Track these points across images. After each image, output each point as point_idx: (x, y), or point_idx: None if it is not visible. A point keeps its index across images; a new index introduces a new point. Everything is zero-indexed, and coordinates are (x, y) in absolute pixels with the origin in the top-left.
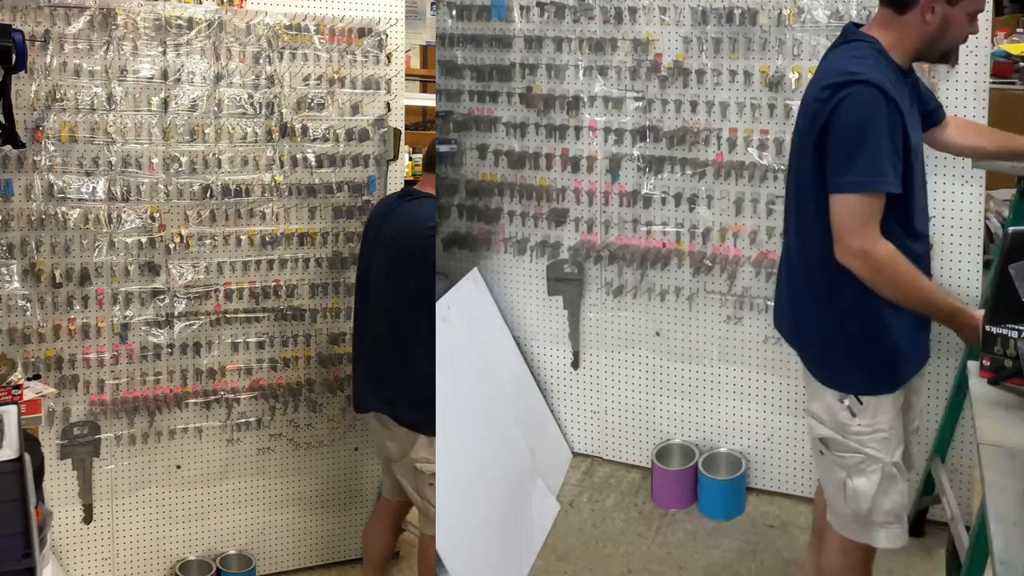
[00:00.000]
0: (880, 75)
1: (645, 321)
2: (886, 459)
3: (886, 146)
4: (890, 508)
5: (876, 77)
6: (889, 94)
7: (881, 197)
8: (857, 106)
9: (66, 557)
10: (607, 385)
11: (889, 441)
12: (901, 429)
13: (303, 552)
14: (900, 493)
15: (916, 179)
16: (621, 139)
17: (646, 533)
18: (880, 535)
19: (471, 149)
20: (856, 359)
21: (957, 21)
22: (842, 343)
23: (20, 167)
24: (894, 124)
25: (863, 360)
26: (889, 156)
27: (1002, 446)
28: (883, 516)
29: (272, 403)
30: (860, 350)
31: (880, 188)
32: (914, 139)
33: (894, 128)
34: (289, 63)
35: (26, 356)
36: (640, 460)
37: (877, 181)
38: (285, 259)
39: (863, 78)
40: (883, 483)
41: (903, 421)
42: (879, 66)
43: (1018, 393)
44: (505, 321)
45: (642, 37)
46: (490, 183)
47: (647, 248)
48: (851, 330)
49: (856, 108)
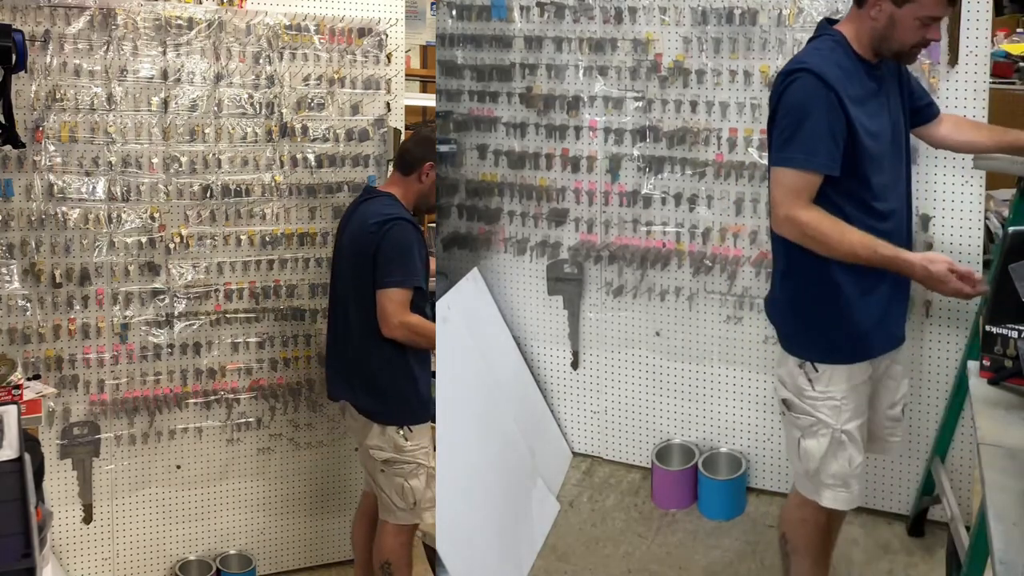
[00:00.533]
0: (827, 65)
1: (645, 321)
2: (836, 425)
3: (821, 129)
4: (836, 472)
5: (820, 66)
6: (829, 82)
7: (813, 175)
8: (798, 91)
9: (66, 557)
10: (607, 385)
11: (840, 410)
12: (860, 403)
13: (303, 552)
14: (848, 460)
15: (875, 162)
16: (621, 139)
17: (646, 533)
18: (826, 495)
19: (471, 149)
20: (813, 329)
21: (904, 23)
22: (801, 313)
23: (20, 167)
24: (832, 110)
25: (819, 330)
26: (823, 139)
27: (1002, 446)
28: (830, 478)
29: (272, 403)
30: (816, 321)
31: (810, 167)
32: (872, 124)
33: (832, 114)
34: (289, 63)
35: (26, 356)
36: (640, 460)
37: (808, 160)
38: (285, 259)
39: (807, 67)
40: (831, 447)
41: (877, 401)
42: (833, 57)
43: (1018, 393)
44: (505, 321)
45: (642, 37)
46: (490, 183)
47: (647, 248)
48: (808, 301)
49: (797, 93)
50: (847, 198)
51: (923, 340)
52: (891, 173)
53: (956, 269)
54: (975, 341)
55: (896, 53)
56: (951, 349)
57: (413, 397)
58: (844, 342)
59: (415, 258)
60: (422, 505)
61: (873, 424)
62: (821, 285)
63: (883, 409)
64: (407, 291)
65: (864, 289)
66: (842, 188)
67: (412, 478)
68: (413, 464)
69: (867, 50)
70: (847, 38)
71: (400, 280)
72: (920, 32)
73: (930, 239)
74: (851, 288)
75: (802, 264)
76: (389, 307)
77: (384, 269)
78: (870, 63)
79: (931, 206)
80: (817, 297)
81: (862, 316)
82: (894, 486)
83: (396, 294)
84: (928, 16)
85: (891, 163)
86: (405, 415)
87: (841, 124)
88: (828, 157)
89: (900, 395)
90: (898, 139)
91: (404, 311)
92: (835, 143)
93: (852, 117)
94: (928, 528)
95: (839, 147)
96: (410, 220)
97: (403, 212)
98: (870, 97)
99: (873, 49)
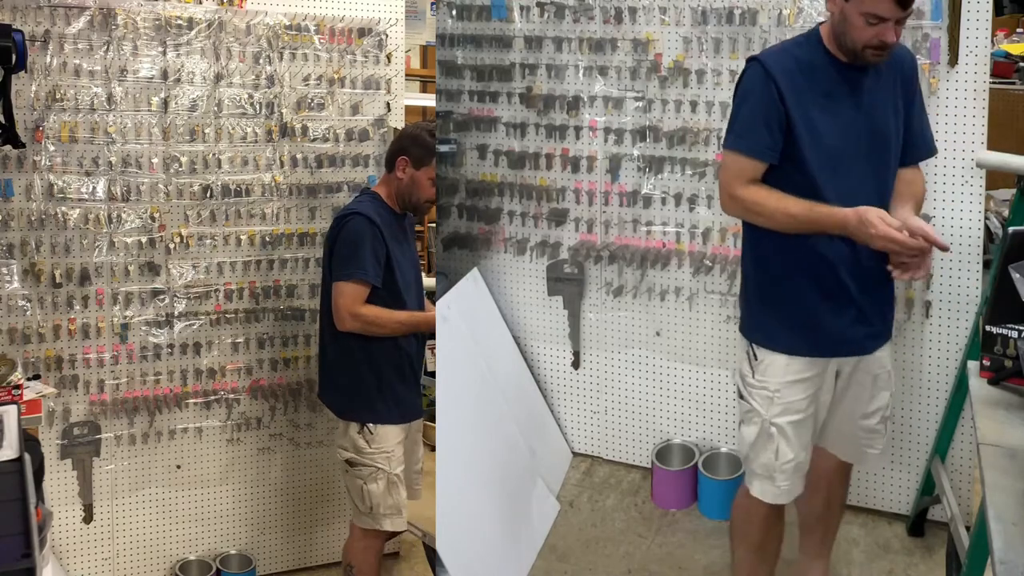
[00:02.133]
0: (780, 57)
1: (645, 321)
2: (765, 416)
3: (755, 116)
4: (764, 463)
5: (769, 58)
6: (771, 73)
7: (750, 159)
8: (743, 79)
9: (66, 557)
10: (607, 385)
11: (772, 401)
12: (798, 399)
13: (303, 552)
14: (775, 453)
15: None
16: (621, 139)
17: (646, 533)
18: (754, 483)
19: (471, 149)
20: (757, 312)
21: (852, 20)
22: (750, 294)
23: (20, 167)
24: (768, 99)
25: (762, 314)
26: (756, 125)
27: (1002, 446)
28: (758, 467)
29: (272, 403)
30: (760, 303)
31: (741, 149)
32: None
33: (768, 103)
34: (289, 63)
35: (26, 356)
36: (640, 460)
37: (740, 142)
38: (285, 259)
39: (757, 57)
40: (760, 437)
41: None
42: (794, 51)
43: (1018, 393)
44: (505, 321)
45: (642, 37)
46: (490, 183)
47: (647, 248)
48: (755, 282)
49: (743, 81)
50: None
51: (923, 340)
52: (855, 176)
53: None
54: (975, 341)
55: (852, 52)
56: (951, 349)
57: (376, 395)
58: (780, 331)
59: (365, 251)
60: (380, 511)
61: (844, 431)
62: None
63: (854, 418)
64: (357, 284)
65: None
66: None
67: (371, 482)
68: (372, 468)
69: (835, 46)
70: (821, 34)
71: (349, 273)
72: (870, 31)
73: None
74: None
75: (756, 245)
76: (339, 300)
77: (337, 263)
78: (843, 61)
79: (931, 206)
80: (763, 280)
81: (801, 310)
82: (894, 486)
83: (346, 287)
84: (872, 14)
85: (856, 166)
86: (364, 412)
87: (777, 114)
88: (761, 143)
89: (875, 407)
90: (874, 142)
91: (355, 303)
92: (769, 131)
93: (792, 110)
94: (928, 528)
95: (774, 136)
96: (365, 214)
97: (365, 207)
98: (835, 95)
99: (839, 45)
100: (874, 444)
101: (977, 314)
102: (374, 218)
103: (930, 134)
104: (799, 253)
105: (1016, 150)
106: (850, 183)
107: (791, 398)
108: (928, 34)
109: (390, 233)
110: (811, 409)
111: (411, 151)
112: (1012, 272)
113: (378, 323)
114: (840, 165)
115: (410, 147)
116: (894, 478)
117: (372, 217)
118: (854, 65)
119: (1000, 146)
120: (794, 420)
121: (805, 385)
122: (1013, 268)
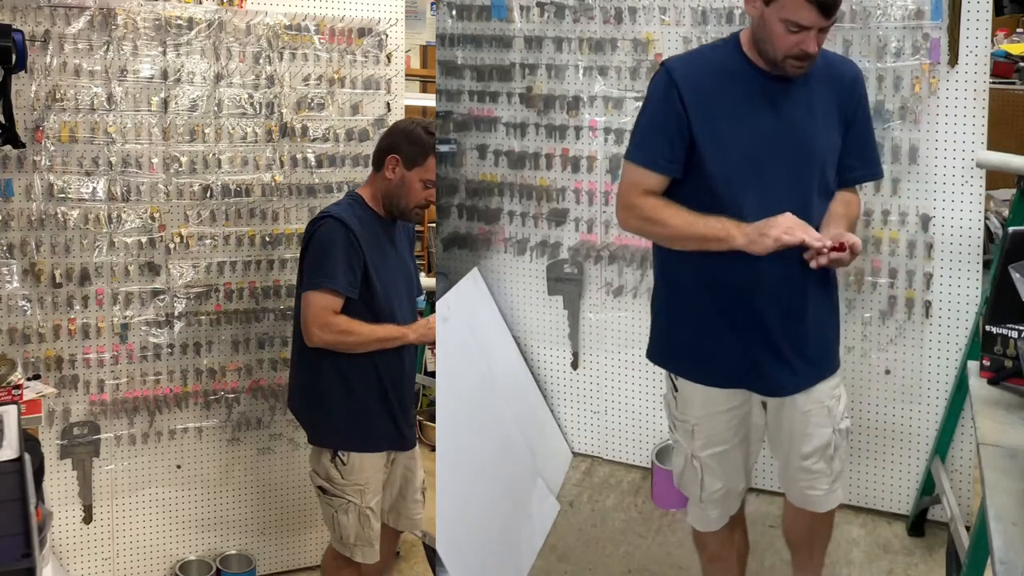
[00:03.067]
0: (685, 62)
1: (645, 321)
2: (688, 450)
3: (654, 126)
4: (693, 493)
5: (674, 62)
6: (674, 78)
7: (647, 171)
8: (649, 87)
9: (66, 557)
10: (607, 385)
11: (693, 435)
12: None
13: (303, 552)
14: (698, 485)
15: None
16: (621, 139)
17: (646, 533)
18: (690, 510)
19: (471, 149)
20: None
21: (771, 26)
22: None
23: (20, 167)
24: (669, 108)
25: (671, 339)
26: (654, 136)
27: (1002, 446)
28: (690, 495)
29: (272, 403)
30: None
31: (636, 160)
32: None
33: (668, 112)
34: (289, 63)
35: (26, 356)
36: (640, 460)
37: (636, 153)
38: (285, 259)
39: (665, 61)
40: (686, 469)
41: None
42: (706, 55)
43: (1018, 393)
44: (505, 321)
45: (642, 37)
46: (490, 183)
47: (647, 248)
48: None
49: (648, 89)
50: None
51: (923, 340)
52: (771, 192)
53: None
54: (975, 341)
55: (772, 61)
56: (951, 349)
57: (350, 419)
58: (693, 358)
59: (336, 259)
60: (352, 542)
61: (788, 472)
62: (679, 290)
63: (793, 460)
64: (326, 294)
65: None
66: (695, 200)
67: (342, 514)
68: (342, 500)
69: (753, 51)
70: (740, 40)
71: (317, 282)
72: (791, 39)
73: (930, 239)
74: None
75: (664, 265)
76: (307, 312)
77: (308, 271)
78: (763, 69)
79: (931, 206)
80: (672, 303)
81: (711, 338)
82: (894, 486)
83: (314, 297)
84: (792, 21)
85: (772, 180)
86: (335, 438)
87: (678, 125)
88: (656, 154)
89: (811, 446)
90: (797, 156)
91: (324, 315)
92: (669, 142)
93: (695, 120)
94: (928, 528)
95: (674, 148)
96: (339, 218)
97: (341, 211)
98: (750, 104)
99: (759, 51)
100: (815, 485)
101: (977, 314)
102: (349, 222)
103: (874, 156)
104: (707, 275)
105: (1016, 150)
106: (765, 198)
107: (713, 431)
108: (928, 34)
109: (370, 240)
110: (738, 437)
111: (402, 148)
112: (1012, 272)
113: (352, 338)
114: (751, 179)
115: (401, 144)
116: (894, 478)
117: (347, 221)
118: (775, 75)
119: (1000, 146)
120: (718, 452)
121: (728, 416)
122: (1013, 268)
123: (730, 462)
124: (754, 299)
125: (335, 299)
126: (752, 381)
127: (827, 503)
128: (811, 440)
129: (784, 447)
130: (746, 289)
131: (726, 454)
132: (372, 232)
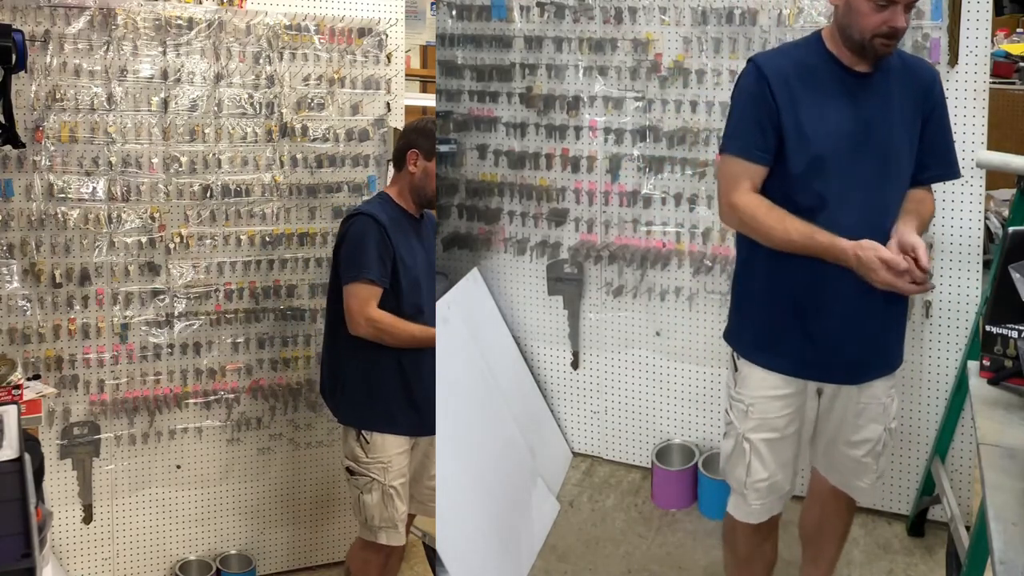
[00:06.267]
0: (775, 57)
1: (645, 321)
2: (739, 429)
3: (745, 116)
4: (736, 478)
5: (764, 58)
6: (764, 73)
7: (746, 162)
8: (738, 81)
9: (66, 557)
10: (607, 385)
11: (747, 415)
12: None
13: (303, 552)
14: (746, 469)
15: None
16: (621, 139)
17: (646, 533)
18: (730, 498)
19: (471, 149)
20: (737, 318)
21: (858, 7)
22: (735, 300)
23: (20, 167)
24: (759, 98)
25: (741, 320)
26: (746, 125)
27: (1002, 446)
28: (732, 482)
29: (272, 403)
30: (742, 311)
31: (731, 150)
32: (822, 123)
33: (758, 101)
34: (289, 63)
35: (26, 356)
36: (640, 460)
37: (731, 143)
38: (285, 259)
39: (753, 58)
40: (735, 451)
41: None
42: (792, 52)
43: (1018, 393)
44: (505, 321)
45: (642, 37)
46: (490, 183)
47: (647, 248)
48: (741, 288)
49: (737, 82)
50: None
51: (923, 340)
52: (845, 184)
53: (884, 258)
54: (975, 341)
55: (859, 44)
56: (951, 349)
57: (375, 402)
58: (758, 342)
59: (368, 251)
60: (376, 523)
61: (831, 455)
62: (755, 275)
63: (839, 445)
64: (365, 284)
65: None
66: (772, 188)
67: (366, 492)
68: (367, 478)
69: (838, 45)
70: (823, 36)
71: (355, 275)
72: (879, 17)
73: (930, 239)
74: (783, 291)
75: (746, 250)
76: (352, 303)
77: (344, 265)
78: (844, 64)
79: None
80: (748, 287)
81: (780, 326)
82: (894, 486)
83: (356, 289)
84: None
85: (847, 172)
86: (360, 417)
87: (769, 115)
88: (750, 143)
89: (861, 438)
90: (873, 151)
91: (368, 306)
92: (762, 132)
93: (782, 110)
94: (928, 528)
95: (767, 137)
96: (370, 214)
97: (372, 208)
98: (831, 98)
99: (844, 41)
100: (862, 477)
101: (977, 314)
102: (381, 218)
103: (951, 156)
104: (789, 265)
105: (1016, 150)
106: (838, 190)
107: (767, 414)
108: (928, 34)
109: (399, 235)
110: (792, 428)
111: (420, 143)
112: (1012, 272)
113: (391, 333)
114: (827, 170)
115: (418, 140)
116: (894, 478)
117: (378, 217)
118: (856, 71)
119: (1000, 146)
120: (769, 438)
121: (783, 403)
122: (1013, 268)
123: (779, 453)
124: (832, 289)
125: (375, 289)
126: (818, 371)
127: (868, 496)
128: (861, 431)
129: (830, 431)
130: (817, 281)
131: (777, 443)
132: (401, 229)
